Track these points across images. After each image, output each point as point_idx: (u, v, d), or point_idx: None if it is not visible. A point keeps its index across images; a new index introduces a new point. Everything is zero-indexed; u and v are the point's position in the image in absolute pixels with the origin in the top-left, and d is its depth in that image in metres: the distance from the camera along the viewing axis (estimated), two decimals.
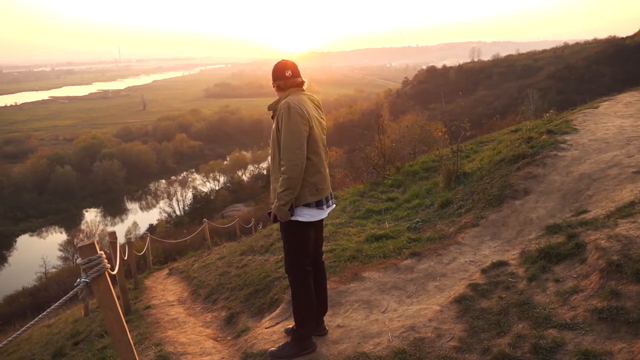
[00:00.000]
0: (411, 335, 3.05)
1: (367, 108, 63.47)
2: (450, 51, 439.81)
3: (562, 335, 2.65)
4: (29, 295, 22.42)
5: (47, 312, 2.48)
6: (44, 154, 59.91)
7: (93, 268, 2.35)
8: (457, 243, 4.55)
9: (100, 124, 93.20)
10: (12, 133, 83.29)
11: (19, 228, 47.91)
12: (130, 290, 7.03)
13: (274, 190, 3.01)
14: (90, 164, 58.91)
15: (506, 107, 41.74)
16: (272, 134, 3.08)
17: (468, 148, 8.60)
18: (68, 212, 52.48)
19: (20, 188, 52.49)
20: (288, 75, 3.11)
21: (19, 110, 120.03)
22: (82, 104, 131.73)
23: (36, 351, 6.10)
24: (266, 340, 3.44)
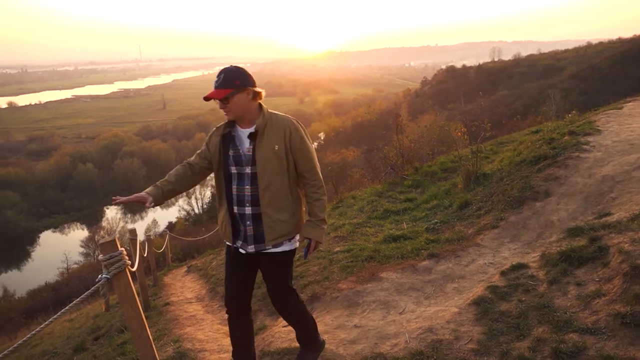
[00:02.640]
0: (429, 337, 3.03)
1: (385, 108, 63.18)
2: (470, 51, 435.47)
3: (583, 340, 2.61)
4: (51, 290, 22.88)
5: (69, 307, 2.53)
6: (67, 152, 60.98)
7: (114, 264, 2.38)
8: (476, 245, 4.51)
9: (122, 123, 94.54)
10: (37, 131, 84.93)
11: (42, 224, 48.88)
12: (149, 287, 7.12)
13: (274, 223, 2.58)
14: (112, 162, 59.82)
15: (527, 108, 41.16)
16: (267, 156, 2.53)
17: (488, 149, 8.51)
18: (90, 209, 53.38)
19: (44, 185, 53.59)
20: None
21: (43, 108, 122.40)
22: (104, 103, 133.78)
23: (58, 345, 6.22)
24: (283, 339, 3.45)
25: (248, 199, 2.59)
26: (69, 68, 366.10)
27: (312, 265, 4.95)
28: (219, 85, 2.49)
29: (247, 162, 2.57)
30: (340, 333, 3.37)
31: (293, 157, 2.59)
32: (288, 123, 2.60)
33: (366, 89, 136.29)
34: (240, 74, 2.52)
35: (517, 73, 68.31)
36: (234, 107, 2.50)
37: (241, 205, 2.61)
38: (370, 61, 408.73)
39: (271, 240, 2.60)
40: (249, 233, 2.63)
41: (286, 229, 2.63)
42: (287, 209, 2.61)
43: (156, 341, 4.11)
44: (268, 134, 2.55)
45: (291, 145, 2.57)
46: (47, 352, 6.09)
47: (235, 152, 2.59)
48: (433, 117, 39.51)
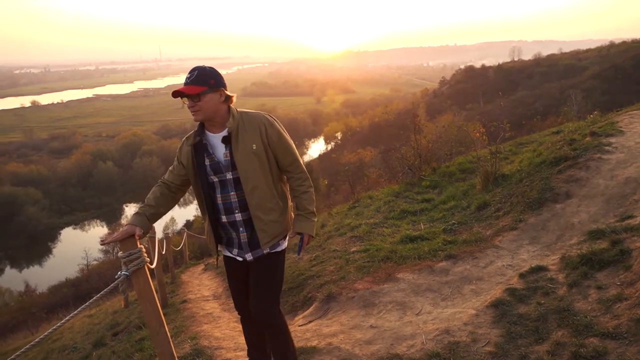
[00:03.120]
0: (446, 339, 3.01)
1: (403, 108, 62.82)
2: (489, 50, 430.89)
3: (604, 345, 2.56)
4: (71, 286, 23.29)
5: (89, 303, 2.57)
6: (88, 150, 61.98)
7: (133, 261, 2.41)
8: (494, 246, 4.46)
9: (141, 122, 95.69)
10: (59, 129, 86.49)
11: (63, 221, 49.77)
12: (167, 284, 7.19)
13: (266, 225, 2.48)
14: (131, 160, 60.64)
15: (547, 108, 40.60)
16: (247, 157, 2.43)
17: (507, 149, 8.41)
18: (109, 207, 54.17)
19: (65, 183, 54.59)
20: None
21: (65, 107, 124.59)
22: (124, 102, 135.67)
23: (78, 340, 6.33)
24: (299, 338, 3.46)
25: (236, 206, 2.49)
26: (90, 68, 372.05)
27: (329, 265, 4.95)
28: (191, 81, 2.39)
29: (226, 168, 2.46)
30: (356, 333, 3.37)
31: (273, 153, 2.50)
32: (262, 119, 2.49)
33: (383, 89, 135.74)
34: (215, 74, 2.44)
35: (538, 73, 67.36)
36: (204, 106, 2.39)
37: (230, 213, 2.51)
38: (388, 61, 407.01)
39: (266, 243, 2.51)
40: (243, 240, 2.54)
41: (278, 228, 2.53)
42: (275, 209, 2.51)
43: (173, 338, 4.15)
44: (243, 135, 2.44)
45: (269, 141, 2.47)
46: (67, 347, 6.19)
47: (211, 160, 2.48)
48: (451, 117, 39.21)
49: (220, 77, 2.46)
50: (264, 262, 2.57)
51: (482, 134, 8.28)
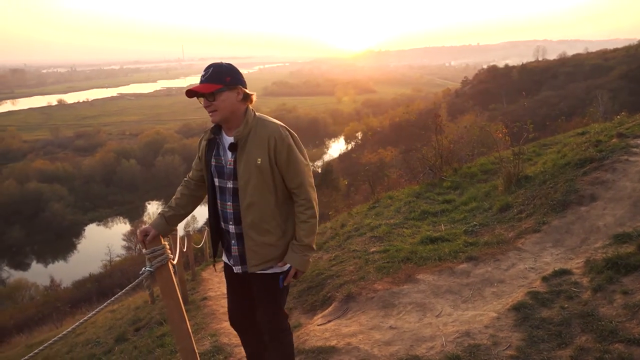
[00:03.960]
0: (466, 341, 2.98)
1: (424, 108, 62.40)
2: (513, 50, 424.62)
3: (629, 351, 2.51)
4: (95, 281, 23.74)
5: (113, 298, 2.61)
6: (112, 148, 63.08)
7: (157, 258, 2.45)
8: (516, 249, 4.40)
9: (164, 120, 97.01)
10: (84, 128, 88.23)
11: (87, 217, 50.75)
12: (188, 281, 7.28)
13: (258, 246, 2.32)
14: (154, 158, 61.48)
15: (572, 109, 39.83)
16: (250, 170, 2.26)
17: (530, 150, 8.28)
18: (132, 204, 55.04)
19: (90, 180, 55.65)
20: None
21: (90, 106, 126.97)
22: (147, 101, 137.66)
23: (101, 335, 6.45)
24: (318, 338, 3.47)
25: (231, 217, 2.35)
26: (115, 67, 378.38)
27: (348, 265, 4.95)
28: (206, 79, 2.23)
29: (228, 175, 2.32)
30: (375, 334, 3.36)
31: (280, 172, 2.29)
32: (273, 131, 2.26)
33: (405, 89, 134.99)
34: (232, 70, 2.27)
35: (563, 73, 66.16)
36: (221, 105, 2.23)
37: (225, 222, 2.40)
38: (410, 61, 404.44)
39: (254, 265, 2.34)
40: (233, 253, 2.41)
41: (273, 253, 2.34)
42: (274, 231, 2.31)
43: (194, 334, 4.19)
44: (250, 145, 2.25)
45: (276, 157, 2.25)
46: (90, 341, 6.32)
47: (218, 162, 2.35)
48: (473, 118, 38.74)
49: (238, 74, 2.30)
50: (264, 282, 2.41)
51: (505, 135, 8.15)
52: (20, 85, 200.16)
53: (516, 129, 7.69)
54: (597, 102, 34.85)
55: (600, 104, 33.30)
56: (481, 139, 13.17)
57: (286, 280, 2.37)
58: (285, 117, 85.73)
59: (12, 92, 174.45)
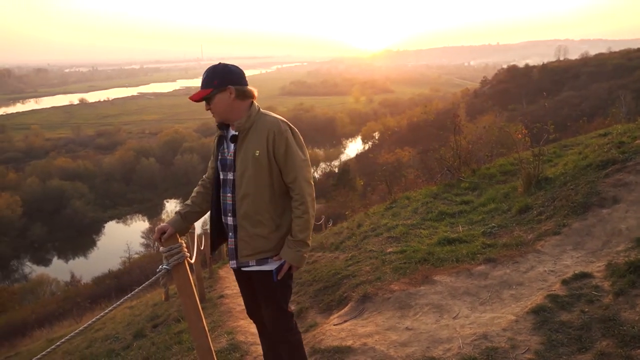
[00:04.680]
0: (483, 344, 2.95)
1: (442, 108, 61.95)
2: (533, 49, 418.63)
3: None
4: (114, 277, 24.07)
5: (131, 295, 2.65)
6: (131, 147, 63.97)
7: (174, 256, 2.47)
8: (535, 251, 4.33)
9: (183, 119, 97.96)
10: (104, 126, 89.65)
11: (107, 215, 51.55)
12: (205, 279, 7.34)
13: (250, 237, 2.38)
14: (172, 157, 62.17)
15: (594, 110, 39.13)
16: (247, 162, 2.34)
17: (550, 152, 8.16)
18: (151, 202, 55.76)
19: (110, 178, 56.53)
20: (246, 82, 2.41)
21: (111, 105, 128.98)
22: (166, 100, 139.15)
23: (119, 330, 6.54)
24: (334, 337, 3.47)
25: (230, 208, 2.42)
26: (136, 67, 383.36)
27: (364, 265, 4.94)
28: (201, 85, 2.35)
29: (229, 167, 2.41)
30: (391, 334, 3.35)
31: (277, 165, 2.34)
32: (273, 125, 2.32)
33: (423, 89, 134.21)
34: (221, 72, 2.33)
35: (585, 73, 65.04)
36: (215, 108, 2.34)
37: (225, 215, 2.46)
38: (428, 60, 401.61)
39: (244, 256, 2.39)
40: (229, 246, 2.46)
41: (264, 245, 2.38)
42: (266, 224, 2.36)
43: (210, 332, 4.23)
44: (250, 138, 2.34)
45: (274, 151, 2.31)
46: (109, 337, 6.42)
47: (222, 155, 2.46)
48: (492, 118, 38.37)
49: (229, 74, 2.35)
50: (261, 278, 2.46)
51: (525, 136, 8.04)
52: (44, 85, 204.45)
53: (536, 129, 7.59)
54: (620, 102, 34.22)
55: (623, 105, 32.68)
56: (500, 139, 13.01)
57: (279, 274, 2.38)
58: (302, 117, 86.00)
59: (36, 91, 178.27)
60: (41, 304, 22.05)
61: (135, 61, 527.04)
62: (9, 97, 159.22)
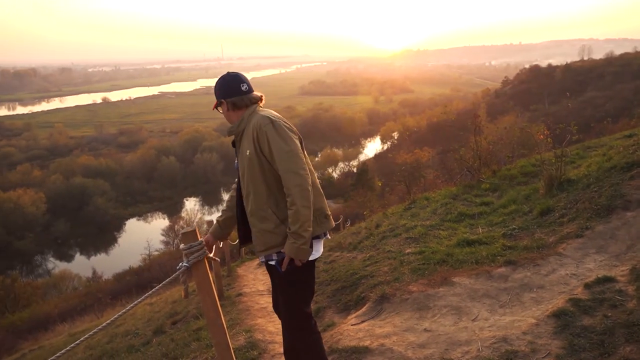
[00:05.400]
0: (503, 347, 2.92)
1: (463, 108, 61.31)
2: (556, 49, 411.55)
3: None
4: (134, 274, 24.40)
5: (151, 292, 2.68)
6: (152, 145, 64.79)
7: (194, 254, 2.50)
8: (557, 254, 4.27)
9: (203, 119, 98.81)
10: (126, 125, 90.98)
11: (128, 212, 52.32)
12: (223, 277, 7.40)
13: (260, 233, 2.48)
14: (192, 155, 62.79)
15: (619, 110, 38.37)
16: (244, 162, 2.49)
17: (573, 153, 8.02)
18: (171, 200, 56.41)
19: (131, 176, 57.38)
20: (244, 89, 2.55)
21: (133, 104, 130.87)
22: (187, 99, 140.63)
23: (139, 326, 6.63)
24: (351, 337, 3.46)
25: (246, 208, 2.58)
26: (157, 66, 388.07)
27: (383, 266, 4.92)
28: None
29: (237, 169, 2.63)
30: (409, 336, 3.33)
31: (267, 161, 2.42)
32: (256, 123, 2.42)
33: (443, 89, 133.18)
34: (218, 86, 2.61)
35: (609, 73, 63.76)
36: (224, 116, 2.63)
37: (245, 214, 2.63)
38: (449, 60, 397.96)
39: (260, 251, 2.51)
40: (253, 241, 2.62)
41: (273, 240, 2.45)
42: (271, 218, 2.43)
43: (229, 329, 4.27)
44: (243, 140, 2.51)
45: (260, 147, 2.40)
46: (129, 332, 6.51)
47: (235, 159, 2.68)
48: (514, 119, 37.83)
49: (224, 88, 2.58)
50: (274, 271, 2.55)
51: (547, 137, 7.92)
52: (68, 84, 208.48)
53: (559, 130, 7.47)
54: None
55: None
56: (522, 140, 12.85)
57: (282, 266, 2.42)
58: (321, 116, 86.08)
59: (60, 90, 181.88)
60: (64, 299, 22.49)
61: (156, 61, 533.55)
62: (35, 96, 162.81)
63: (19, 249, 41.86)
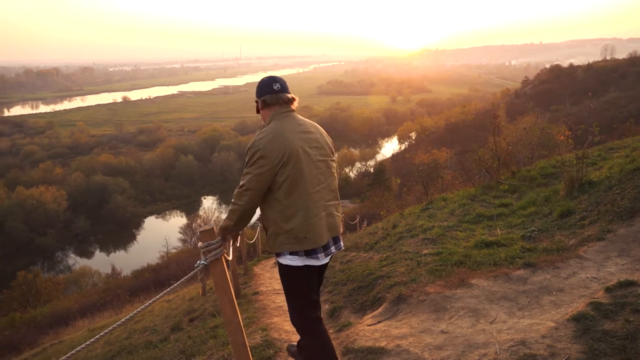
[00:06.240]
0: (521, 350, 2.88)
1: (481, 108, 60.78)
2: (578, 49, 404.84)
3: None
4: (152, 271, 24.66)
5: (170, 289, 2.72)
6: (171, 144, 65.51)
7: (212, 252, 2.52)
8: (577, 257, 4.20)
9: (221, 118, 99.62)
10: (145, 124, 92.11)
11: (147, 210, 53.00)
12: (240, 275, 7.44)
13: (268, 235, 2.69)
14: (210, 154, 63.35)
15: None
16: None
17: (595, 154, 7.89)
18: (189, 198, 56.98)
19: (150, 174, 58.14)
20: (276, 88, 2.67)
21: (152, 103, 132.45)
22: (205, 99, 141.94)
23: (157, 323, 6.71)
24: (367, 338, 3.46)
25: None
26: (176, 66, 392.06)
27: (399, 266, 4.90)
28: None
29: None
30: (425, 337, 3.31)
31: None
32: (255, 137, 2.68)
33: (461, 89, 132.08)
34: (256, 88, 2.80)
35: (633, 73, 62.47)
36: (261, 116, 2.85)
37: None
38: (468, 60, 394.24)
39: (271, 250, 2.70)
40: None
41: (270, 244, 2.65)
42: (267, 226, 2.68)
43: (245, 328, 4.29)
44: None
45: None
46: (147, 329, 6.59)
47: None
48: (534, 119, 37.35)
49: (257, 87, 2.77)
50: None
51: (568, 138, 7.79)
52: (89, 83, 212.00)
53: (580, 131, 7.34)
54: None
55: None
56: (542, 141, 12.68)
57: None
58: (338, 116, 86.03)
59: (82, 89, 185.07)
60: (83, 295, 22.84)
61: (176, 60, 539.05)
62: (57, 94, 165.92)
63: (41, 245, 42.72)
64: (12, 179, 51.47)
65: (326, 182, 2.64)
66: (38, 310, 20.17)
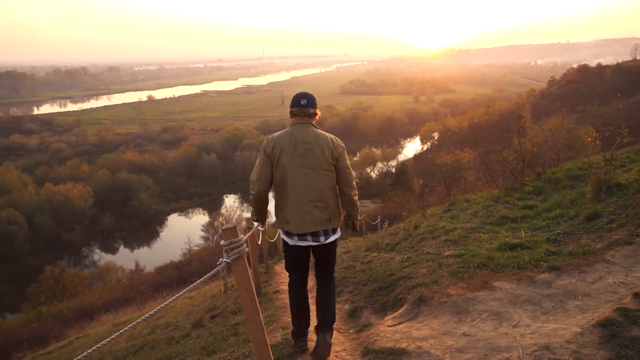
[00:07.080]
0: (545, 355, 2.83)
1: (506, 108, 59.84)
2: (607, 48, 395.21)
3: None
4: (175, 268, 24.95)
5: (192, 286, 2.75)
6: (194, 143, 66.25)
7: (234, 250, 2.54)
8: (604, 261, 4.10)
9: (243, 117, 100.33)
10: (170, 122, 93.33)
11: (170, 207, 53.70)
12: (261, 274, 7.48)
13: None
14: (232, 153, 63.84)
15: None
16: None
17: (624, 156, 7.70)
18: (211, 197, 57.55)
19: (173, 172, 58.89)
20: (303, 103, 3.28)
21: (176, 102, 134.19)
22: (228, 98, 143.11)
23: (179, 319, 6.80)
24: (388, 339, 3.44)
25: None
26: (200, 65, 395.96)
27: (421, 267, 4.87)
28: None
29: None
30: (447, 339, 3.28)
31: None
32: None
33: (486, 89, 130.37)
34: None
35: None
36: None
37: None
38: (492, 59, 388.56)
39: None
40: None
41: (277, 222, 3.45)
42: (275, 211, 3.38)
43: (266, 326, 4.31)
44: None
45: None
46: (169, 325, 6.69)
47: None
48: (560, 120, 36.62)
49: (292, 99, 3.38)
50: None
51: (595, 139, 7.62)
52: (116, 82, 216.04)
53: (608, 133, 7.18)
54: None
55: None
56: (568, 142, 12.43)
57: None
58: (361, 116, 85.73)
59: (108, 88, 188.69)
60: (108, 290, 23.24)
61: (200, 60, 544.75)
62: (85, 93, 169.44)
63: (68, 241, 43.66)
64: (41, 176, 52.67)
65: (313, 185, 3.16)
66: (64, 304, 20.61)
